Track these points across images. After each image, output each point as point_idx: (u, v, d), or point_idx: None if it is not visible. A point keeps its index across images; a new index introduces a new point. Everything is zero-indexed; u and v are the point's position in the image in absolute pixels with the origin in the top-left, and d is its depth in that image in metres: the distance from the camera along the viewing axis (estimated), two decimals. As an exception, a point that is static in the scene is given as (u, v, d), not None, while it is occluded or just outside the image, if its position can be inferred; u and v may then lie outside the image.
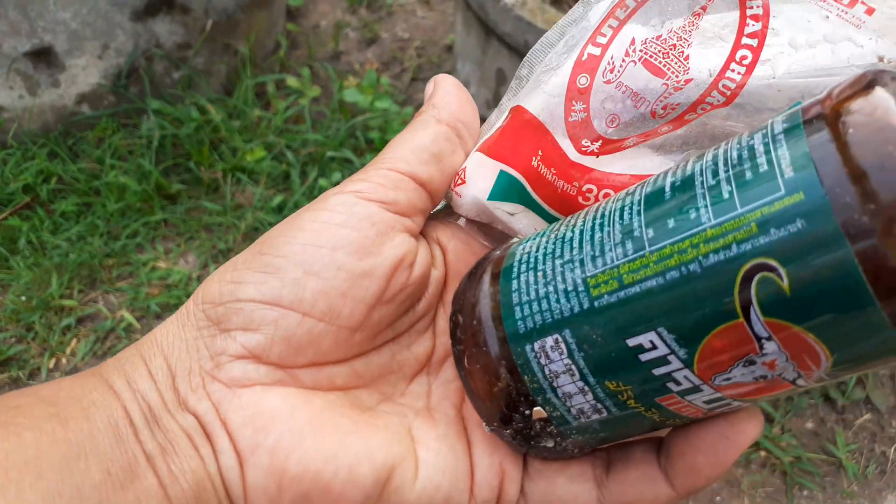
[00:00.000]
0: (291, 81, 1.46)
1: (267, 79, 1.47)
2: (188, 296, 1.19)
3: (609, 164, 0.30)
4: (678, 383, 0.23)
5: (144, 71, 1.35)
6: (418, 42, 1.64)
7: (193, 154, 1.32)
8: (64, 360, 1.12)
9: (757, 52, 0.28)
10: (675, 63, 0.29)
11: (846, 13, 0.27)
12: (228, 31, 1.42)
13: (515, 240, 0.30)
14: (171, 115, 1.36)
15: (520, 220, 0.31)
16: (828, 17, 0.27)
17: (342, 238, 0.27)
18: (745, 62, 0.28)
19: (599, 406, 0.24)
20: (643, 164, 0.29)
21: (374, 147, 1.36)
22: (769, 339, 0.20)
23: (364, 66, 1.57)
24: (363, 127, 1.39)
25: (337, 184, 1.29)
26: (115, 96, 1.35)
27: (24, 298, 1.16)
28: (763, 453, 1.04)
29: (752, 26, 0.28)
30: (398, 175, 0.29)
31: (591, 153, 0.30)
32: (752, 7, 0.28)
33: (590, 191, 0.30)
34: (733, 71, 0.28)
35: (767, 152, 0.21)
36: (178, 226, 1.26)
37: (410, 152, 0.30)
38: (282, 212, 1.28)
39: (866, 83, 0.20)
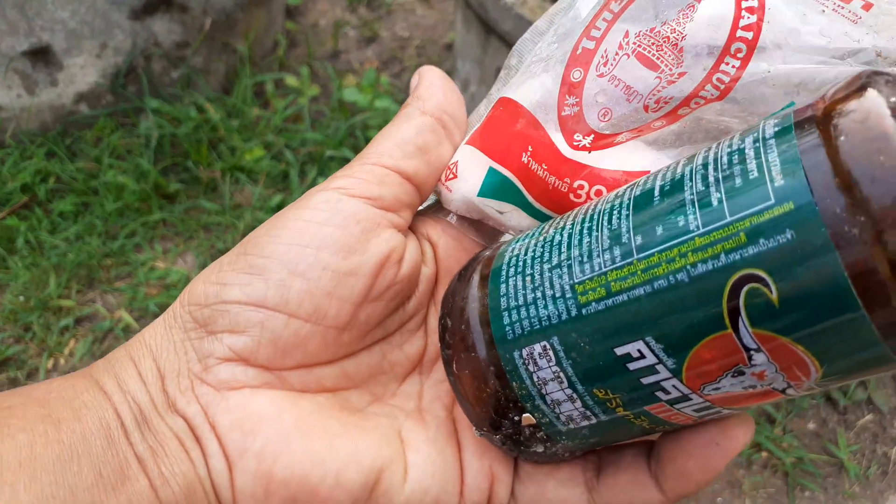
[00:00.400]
0: (290, 80, 1.46)
1: (266, 78, 1.46)
2: (187, 296, 1.19)
3: (601, 159, 0.29)
4: (667, 392, 0.22)
5: (143, 70, 1.35)
6: (418, 41, 1.63)
7: (192, 153, 1.32)
8: (62, 361, 1.12)
9: (752, 44, 0.27)
10: (669, 56, 0.28)
11: (842, 7, 0.27)
12: (227, 29, 1.42)
13: (505, 239, 0.29)
14: (169, 115, 1.36)
15: (510, 217, 0.30)
16: (824, 10, 0.26)
17: (326, 236, 0.27)
18: (740, 55, 0.27)
19: (588, 413, 0.24)
20: (636, 160, 0.29)
21: (374, 146, 1.36)
22: (758, 350, 0.20)
23: (363, 64, 1.57)
24: (362, 126, 1.38)
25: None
26: (113, 95, 1.35)
27: (21, 298, 1.15)
28: (764, 454, 1.04)
29: (748, 19, 0.27)
30: (383, 170, 0.29)
31: (584, 148, 0.29)
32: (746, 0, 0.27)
33: (581, 187, 0.29)
34: (728, 64, 0.27)
35: (758, 157, 0.20)
36: (176, 225, 1.26)
37: (395, 146, 0.29)
38: (281, 211, 1.27)
39: (859, 86, 0.19)
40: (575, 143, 0.30)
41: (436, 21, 1.69)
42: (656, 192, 0.22)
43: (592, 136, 0.30)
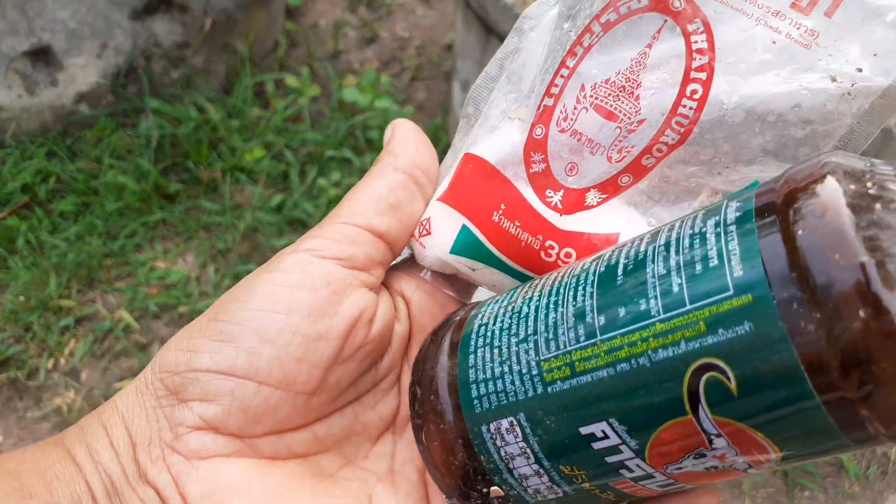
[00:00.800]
0: (290, 80, 1.46)
1: (266, 78, 1.46)
2: (187, 296, 1.20)
3: (572, 222, 0.30)
4: (630, 470, 0.23)
5: (143, 70, 1.35)
6: (418, 41, 1.63)
7: (192, 153, 1.32)
8: (62, 361, 1.12)
9: (707, 84, 0.27)
10: (627, 105, 0.29)
11: (798, 28, 0.27)
12: (227, 30, 1.42)
13: (478, 298, 0.30)
14: (169, 115, 1.36)
15: (482, 274, 0.31)
16: (775, 42, 0.27)
17: (297, 301, 0.27)
18: (696, 96, 0.27)
19: (555, 487, 0.25)
20: (606, 223, 0.29)
21: (374, 147, 1.36)
22: (718, 435, 0.21)
23: (363, 65, 1.57)
24: (363, 126, 1.38)
25: (336, 183, 1.30)
26: (113, 95, 1.35)
27: (22, 298, 1.15)
28: (764, 454, 1.04)
29: (699, 60, 0.28)
30: (354, 229, 0.29)
31: (555, 208, 0.30)
32: (696, 42, 0.28)
33: (551, 247, 0.29)
34: (685, 107, 0.28)
35: (718, 244, 0.21)
36: (176, 225, 1.26)
37: (367, 204, 0.30)
38: (281, 211, 1.27)
39: (818, 177, 0.20)
40: (547, 200, 0.30)
41: (436, 21, 1.69)
42: (620, 271, 0.23)
43: (563, 191, 0.30)
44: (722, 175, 0.28)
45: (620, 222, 0.29)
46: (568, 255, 0.29)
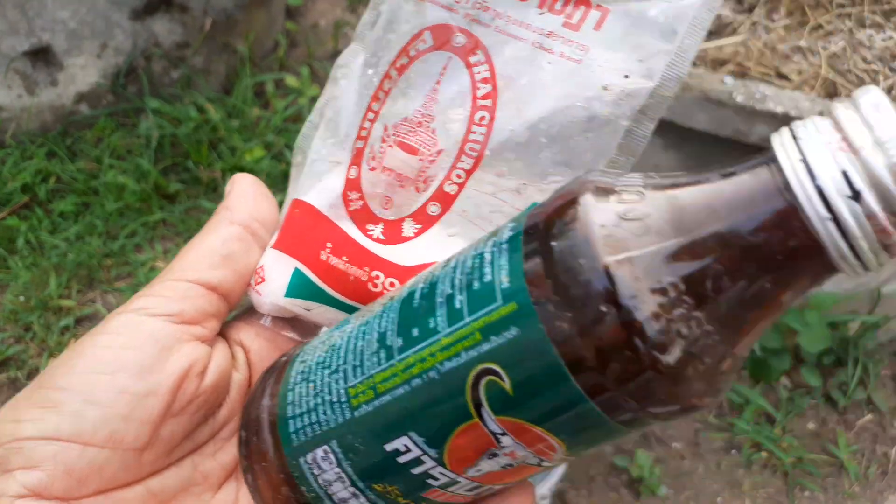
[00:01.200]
0: (290, 80, 1.46)
1: (266, 78, 1.46)
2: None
3: (394, 254, 0.31)
4: (436, 479, 0.24)
5: (143, 70, 1.35)
6: (418, 41, 1.63)
7: (192, 153, 1.32)
8: (62, 361, 1.12)
9: (492, 110, 0.30)
10: (425, 138, 0.31)
11: (569, 46, 0.29)
12: (227, 30, 1.42)
13: (303, 341, 0.31)
14: (169, 115, 1.36)
15: (317, 314, 0.32)
16: (550, 62, 0.29)
17: (123, 360, 0.27)
18: (484, 122, 0.30)
19: None
20: (423, 253, 0.31)
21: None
22: (503, 434, 0.22)
23: (364, 65, 1.57)
24: (363, 126, 1.38)
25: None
26: (113, 95, 1.35)
27: (22, 298, 1.15)
28: (764, 454, 1.04)
29: (483, 88, 0.30)
30: (185, 284, 0.29)
31: (378, 240, 0.31)
32: (479, 72, 0.30)
33: (377, 277, 0.31)
34: (475, 133, 0.30)
35: (493, 261, 0.23)
36: (176, 226, 1.26)
37: (200, 258, 0.30)
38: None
39: (576, 195, 0.22)
40: (369, 233, 0.32)
41: (436, 21, 1.69)
42: (416, 295, 0.25)
43: (382, 223, 0.32)
44: (523, 194, 0.30)
45: (437, 252, 0.30)
46: (392, 285, 0.30)
